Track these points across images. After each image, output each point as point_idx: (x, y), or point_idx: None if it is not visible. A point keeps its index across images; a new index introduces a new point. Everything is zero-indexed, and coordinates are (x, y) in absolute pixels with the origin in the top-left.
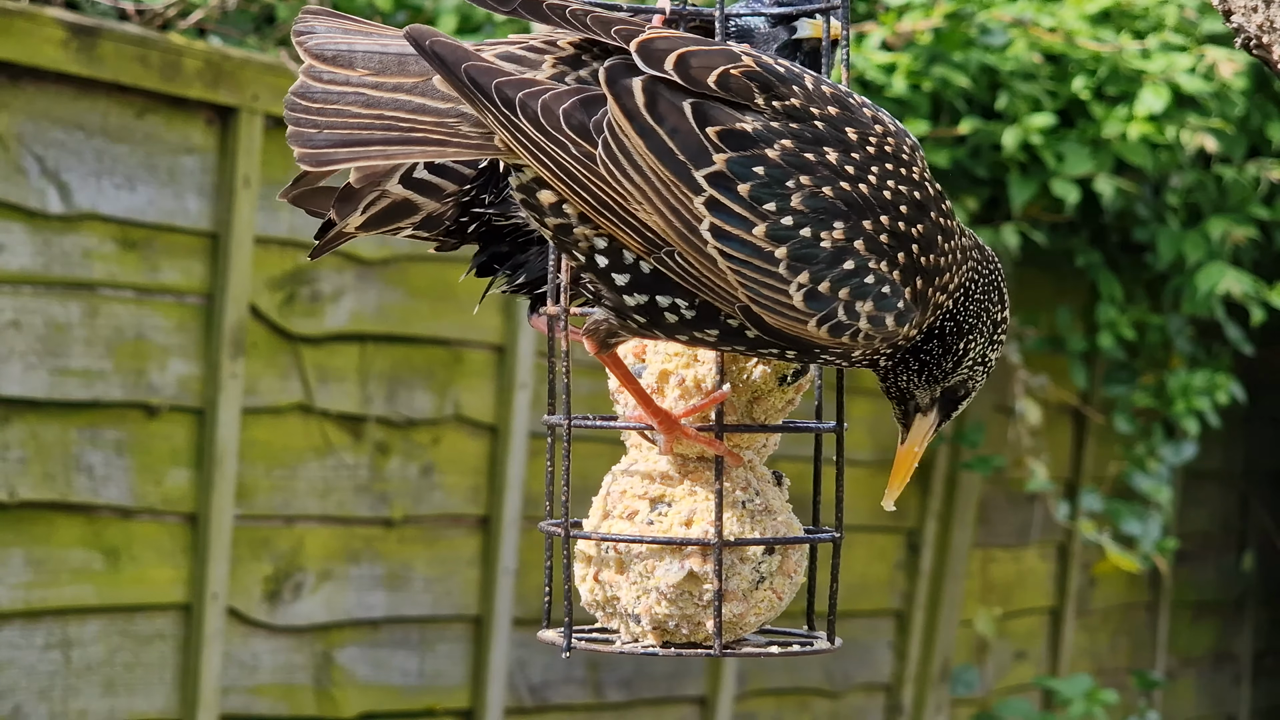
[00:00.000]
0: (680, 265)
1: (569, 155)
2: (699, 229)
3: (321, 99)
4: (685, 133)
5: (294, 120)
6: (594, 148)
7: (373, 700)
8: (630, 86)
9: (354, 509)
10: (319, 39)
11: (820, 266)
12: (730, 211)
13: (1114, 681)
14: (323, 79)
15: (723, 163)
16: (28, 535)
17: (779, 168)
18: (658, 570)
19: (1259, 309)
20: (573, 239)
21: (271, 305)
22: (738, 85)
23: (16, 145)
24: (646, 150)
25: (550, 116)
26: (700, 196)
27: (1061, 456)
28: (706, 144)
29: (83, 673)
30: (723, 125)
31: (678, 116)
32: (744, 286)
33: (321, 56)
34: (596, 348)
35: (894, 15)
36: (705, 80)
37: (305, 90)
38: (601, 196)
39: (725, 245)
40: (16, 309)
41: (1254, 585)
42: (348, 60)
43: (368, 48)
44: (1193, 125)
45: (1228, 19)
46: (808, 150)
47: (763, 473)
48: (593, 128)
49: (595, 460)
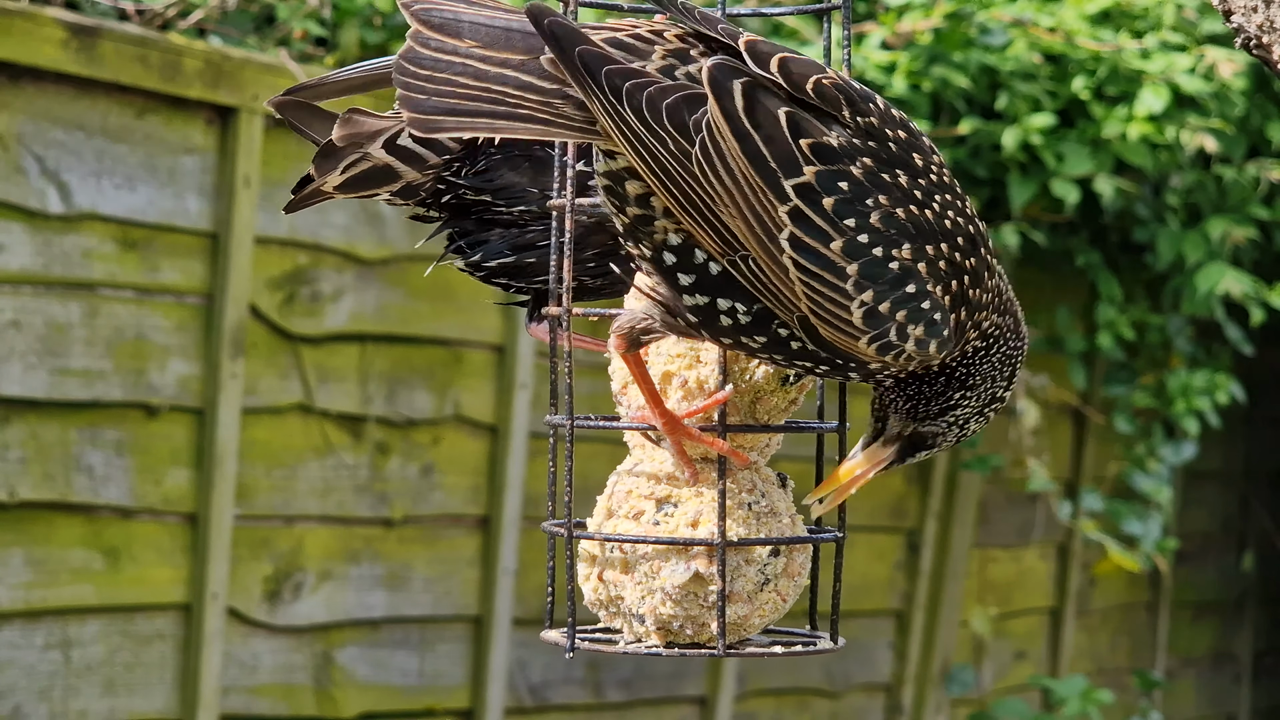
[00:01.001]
0: (752, 270)
1: (666, 150)
2: (778, 237)
3: (430, 66)
4: (779, 141)
5: (404, 84)
6: (691, 145)
7: (373, 700)
8: (731, 89)
9: (354, 509)
10: (424, 3)
11: (884, 287)
12: (812, 224)
13: (1114, 681)
14: (430, 46)
15: (812, 175)
16: (28, 535)
17: (861, 185)
18: (663, 571)
19: (1259, 309)
20: (649, 231)
21: (271, 305)
22: (830, 96)
23: (16, 145)
24: (741, 154)
25: (654, 110)
26: (785, 206)
27: (1061, 456)
28: (798, 155)
29: (83, 673)
30: (814, 138)
31: (773, 124)
32: (809, 297)
33: (429, 23)
34: (626, 346)
35: (894, 15)
36: (805, 86)
37: (414, 56)
38: (690, 194)
39: (800, 256)
40: (16, 309)
41: (1254, 585)
42: (454, 30)
43: (473, 18)
44: (1193, 125)
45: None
46: (884, 170)
47: (768, 475)
48: (692, 126)
49: (597, 461)
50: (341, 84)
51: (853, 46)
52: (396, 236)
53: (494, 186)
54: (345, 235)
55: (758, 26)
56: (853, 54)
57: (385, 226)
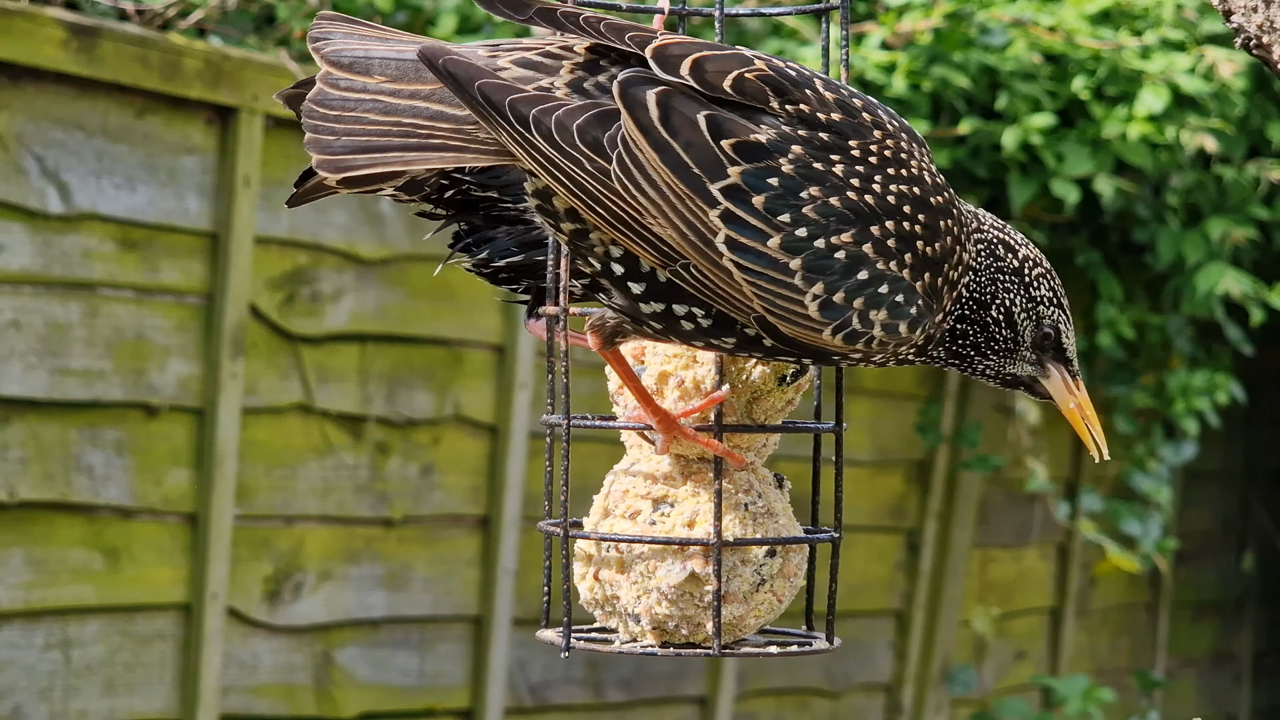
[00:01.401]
0: (695, 277)
1: (583, 171)
2: (714, 242)
3: (339, 106)
4: (700, 146)
5: (312, 128)
6: (608, 163)
7: (373, 700)
8: (644, 100)
9: (354, 509)
10: (335, 45)
11: (835, 277)
12: (745, 224)
13: (1114, 681)
14: (340, 86)
15: (737, 175)
16: (28, 535)
17: (792, 179)
18: (659, 571)
19: (1259, 309)
20: (588, 245)
21: (271, 305)
22: (752, 89)
23: (16, 145)
24: (661, 164)
25: (564, 132)
26: (715, 209)
27: (1061, 456)
28: (721, 157)
29: (83, 673)
30: (737, 137)
31: (692, 130)
32: (759, 297)
33: (338, 63)
34: (601, 344)
35: (894, 15)
36: (721, 85)
37: (323, 98)
38: (616, 211)
39: (740, 257)
40: (16, 309)
41: (1254, 585)
42: (364, 67)
43: (384, 54)
44: (1193, 125)
45: (1228, 19)
46: (817, 160)
47: (764, 475)
48: (607, 143)
49: (594, 460)
50: None
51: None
52: (397, 236)
53: (501, 183)
54: (345, 235)
55: (758, 26)
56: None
57: (385, 226)
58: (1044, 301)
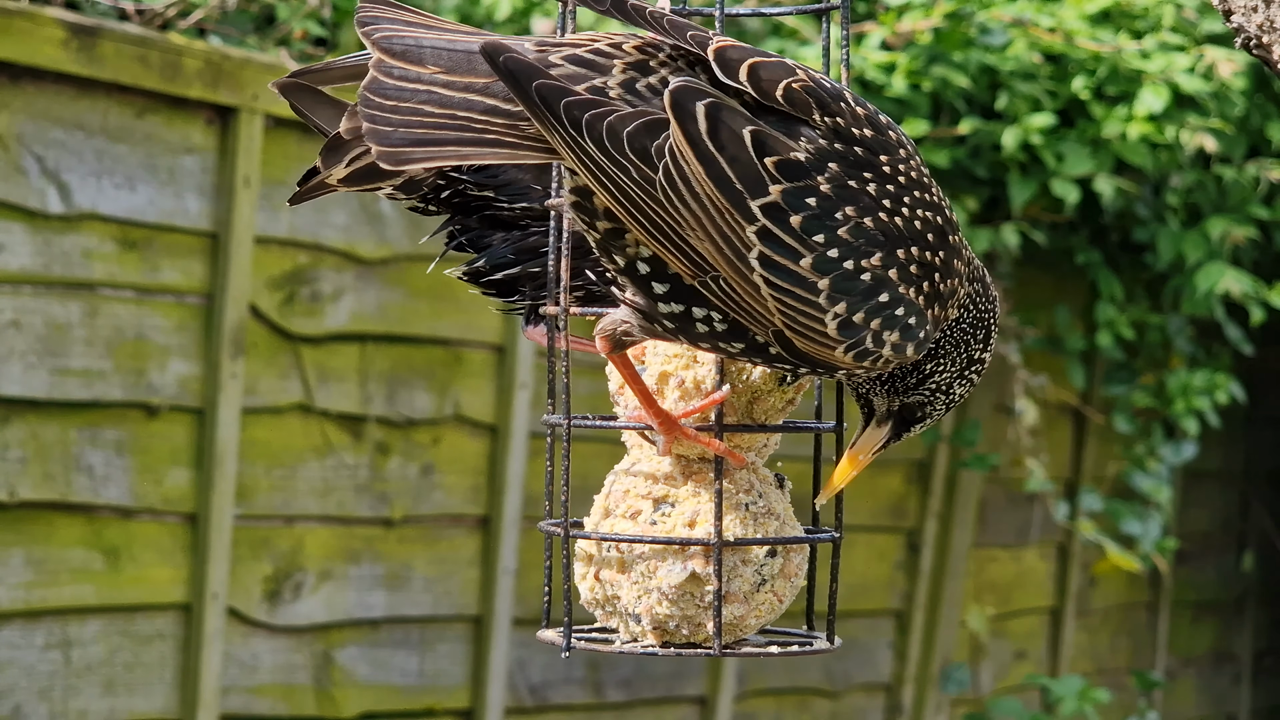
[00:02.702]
0: (724, 289)
1: (630, 178)
2: (748, 257)
3: (395, 96)
4: (744, 162)
5: (369, 117)
6: (655, 172)
7: (373, 700)
8: (695, 112)
9: (354, 509)
10: (385, 30)
11: (858, 299)
12: (780, 242)
13: (1114, 681)
14: (394, 75)
15: (778, 194)
16: (28, 535)
17: (828, 199)
18: (660, 571)
19: (1259, 309)
20: (621, 245)
21: (271, 305)
22: (800, 100)
23: (16, 145)
24: (706, 178)
25: (615, 139)
26: (753, 226)
27: (1061, 456)
28: (764, 174)
29: (83, 673)
30: (779, 155)
31: (738, 145)
32: (782, 312)
33: (390, 51)
34: (610, 348)
35: (894, 15)
36: (774, 94)
37: (378, 86)
38: (656, 219)
39: (771, 274)
40: (16, 309)
41: (1254, 585)
42: (417, 56)
43: (434, 43)
44: (1192, 125)
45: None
46: (852, 178)
47: (765, 475)
48: (654, 152)
49: (595, 460)
50: (347, 69)
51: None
52: (397, 236)
53: (497, 183)
54: (345, 235)
55: (758, 26)
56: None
57: (385, 226)
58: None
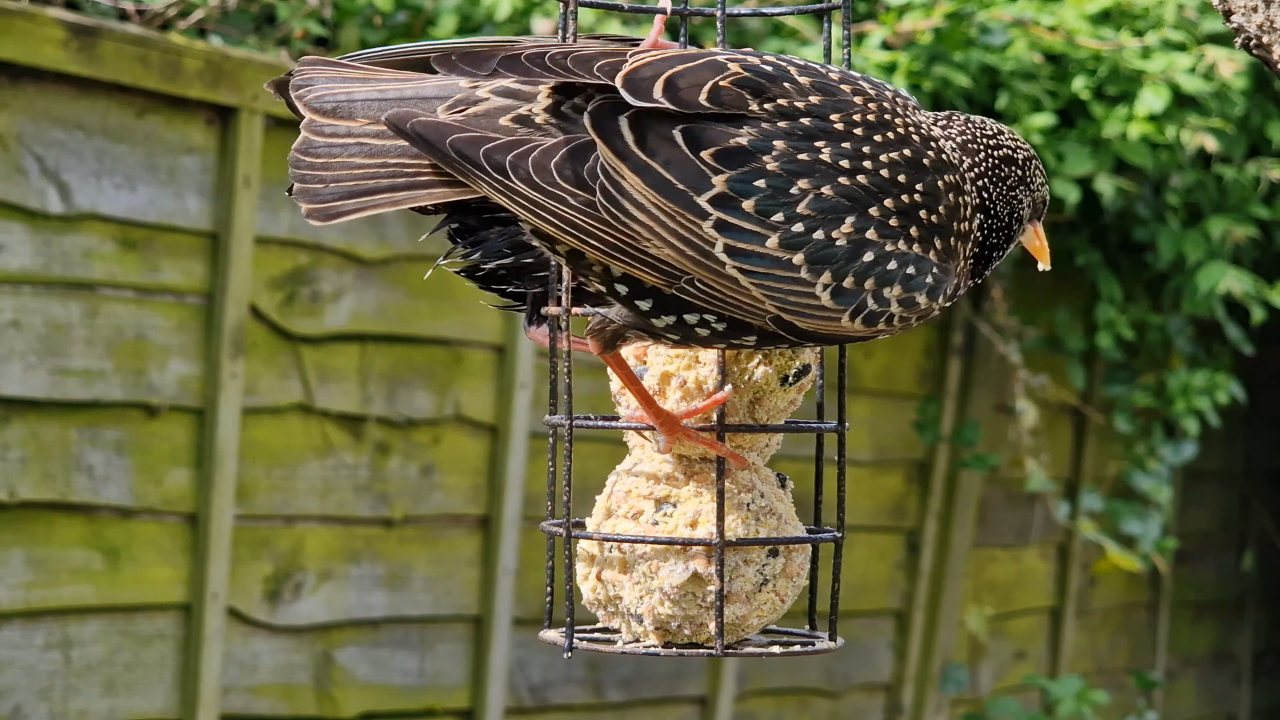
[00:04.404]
0: (703, 290)
1: (569, 207)
2: (713, 253)
3: (325, 153)
4: (681, 161)
5: (299, 177)
6: (592, 194)
7: (373, 700)
8: (618, 126)
9: (354, 509)
10: (317, 91)
11: (840, 264)
12: (740, 229)
13: (1114, 681)
14: (324, 132)
15: (723, 184)
16: (28, 535)
17: (779, 177)
18: (662, 571)
19: (1259, 309)
20: (587, 267)
21: (271, 305)
22: (730, 97)
23: (16, 145)
24: (645, 187)
25: (543, 173)
26: (708, 221)
27: (1061, 456)
28: (704, 168)
29: (83, 673)
30: (717, 145)
31: (670, 146)
32: (770, 298)
33: (321, 110)
34: (601, 348)
35: (894, 15)
36: (696, 100)
37: (308, 146)
38: (610, 240)
39: (743, 263)
40: (16, 309)
41: (1254, 585)
42: (348, 111)
43: (366, 95)
44: (1193, 125)
45: (1228, 19)
46: (803, 151)
47: (767, 475)
48: (587, 175)
49: (596, 460)
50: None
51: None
52: (396, 236)
53: None
54: (345, 235)
55: (758, 26)
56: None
57: (385, 226)
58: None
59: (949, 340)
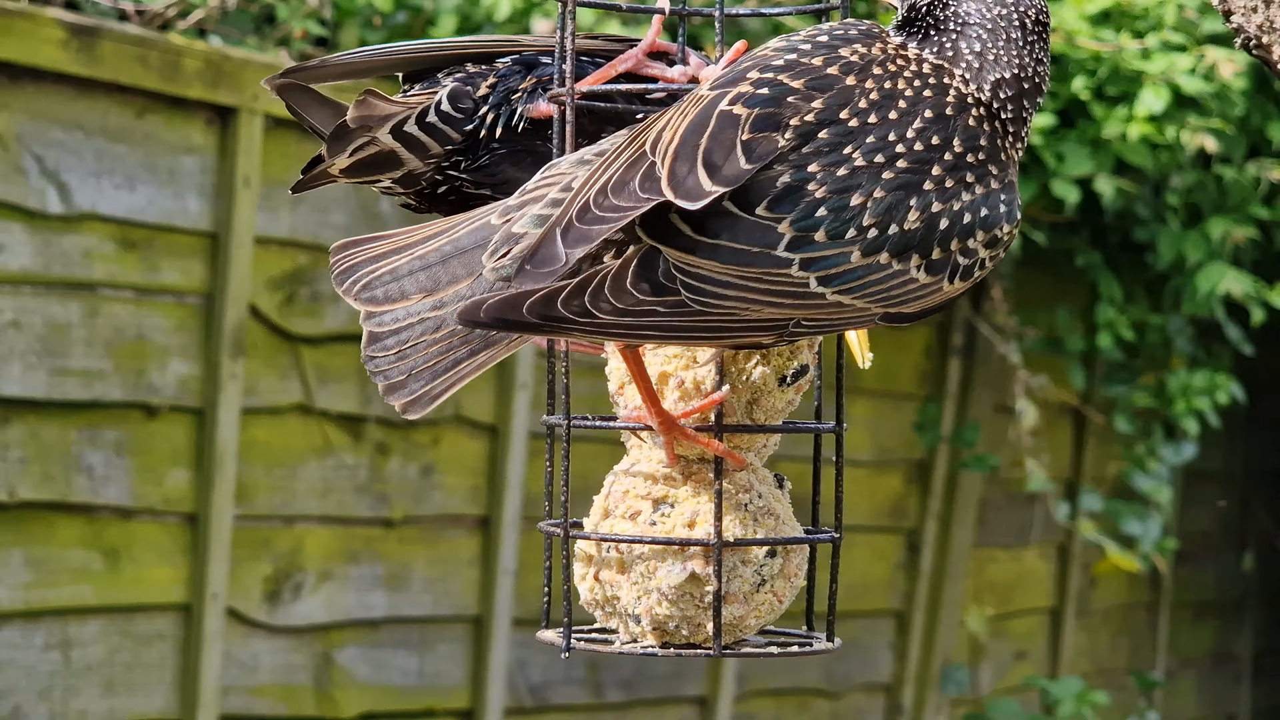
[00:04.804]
0: (810, 325)
1: (661, 318)
2: (810, 289)
3: (395, 344)
4: (744, 227)
5: (381, 376)
6: (677, 294)
7: (373, 700)
8: (674, 228)
9: (354, 509)
10: (361, 280)
11: (923, 244)
12: (823, 259)
13: (1115, 682)
14: (385, 323)
15: (789, 229)
16: (28, 535)
17: (831, 199)
18: (659, 571)
19: (1259, 309)
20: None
21: (271, 305)
22: (761, 146)
23: (16, 145)
24: (724, 267)
25: (624, 296)
26: (793, 266)
27: (1061, 456)
28: (765, 222)
29: (83, 673)
30: (766, 196)
31: (727, 219)
32: (876, 302)
33: (373, 301)
34: (624, 345)
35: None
36: (739, 169)
37: (375, 343)
38: (713, 328)
39: (840, 285)
40: (16, 309)
41: (1254, 585)
42: (399, 292)
43: (410, 267)
44: (1193, 125)
45: (1228, 19)
46: (839, 165)
47: (765, 475)
48: (664, 279)
49: (595, 460)
50: (342, 67)
51: None
52: None
53: (494, 181)
54: (345, 235)
55: (758, 26)
56: None
57: (385, 226)
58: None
59: (949, 340)
